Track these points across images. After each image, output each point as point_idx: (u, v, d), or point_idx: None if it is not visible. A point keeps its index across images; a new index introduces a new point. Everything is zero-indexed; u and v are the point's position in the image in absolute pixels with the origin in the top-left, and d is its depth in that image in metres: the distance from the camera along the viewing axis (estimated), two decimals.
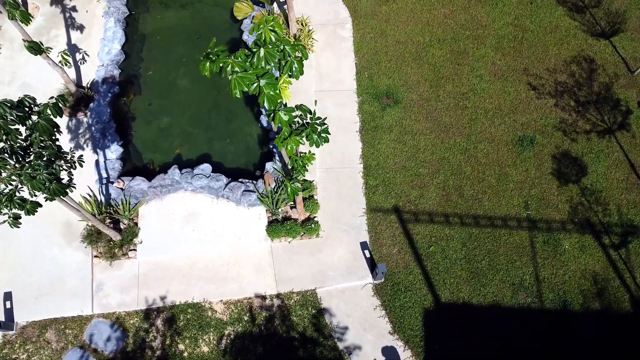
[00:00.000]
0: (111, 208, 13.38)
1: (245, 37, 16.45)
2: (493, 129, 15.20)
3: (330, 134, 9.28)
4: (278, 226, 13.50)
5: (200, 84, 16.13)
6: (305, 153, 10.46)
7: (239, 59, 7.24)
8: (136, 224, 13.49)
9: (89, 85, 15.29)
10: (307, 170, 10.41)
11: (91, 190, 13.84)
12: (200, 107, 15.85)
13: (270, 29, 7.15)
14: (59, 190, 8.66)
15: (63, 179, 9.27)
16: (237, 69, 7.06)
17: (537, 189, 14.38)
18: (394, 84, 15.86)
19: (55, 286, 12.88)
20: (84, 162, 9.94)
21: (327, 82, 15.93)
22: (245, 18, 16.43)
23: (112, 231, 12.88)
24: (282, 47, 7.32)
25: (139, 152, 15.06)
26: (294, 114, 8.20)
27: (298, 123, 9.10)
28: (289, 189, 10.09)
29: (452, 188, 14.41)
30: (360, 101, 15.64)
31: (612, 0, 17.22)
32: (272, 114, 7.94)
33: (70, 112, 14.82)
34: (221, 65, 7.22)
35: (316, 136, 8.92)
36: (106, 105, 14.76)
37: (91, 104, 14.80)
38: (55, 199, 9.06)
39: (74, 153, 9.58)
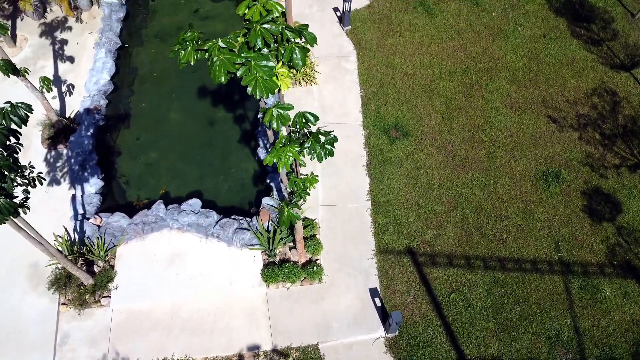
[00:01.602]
0: (85, 247, 11.72)
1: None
2: (514, 163, 13.80)
3: (335, 148, 7.85)
4: (275, 269, 11.78)
5: (193, 118, 14.98)
6: (307, 175, 9.00)
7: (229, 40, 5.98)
8: (112, 266, 11.78)
9: (72, 116, 14.09)
10: (308, 194, 8.89)
11: (65, 228, 12.23)
12: (193, 142, 14.58)
13: (263, 7, 5.93)
14: (7, 207, 7.11)
15: (17, 197, 7.74)
16: (222, 44, 5.77)
17: (568, 228, 12.75)
18: (403, 116, 14.66)
19: (13, 337, 10.99)
20: (44, 179, 8.46)
21: (330, 115, 14.74)
22: None
23: (84, 274, 11.15)
24: (280, 28, 6.09)
25: (122, 189, 13.60)
26: (290, 112, 6.82)
27: (298, 132, 7.70)
28: (285, 214, 8.52)
29: (472, 227, 12.79)
30: (366, 134, 14.36)
31: (629, 34, 16.39)
32: (264, 112, 6.55)
33: (49, 143, 13.52)
34: (206, 48, 5.94)
35: (319, 148, 7.48)
36: (89, 136, 13.48)
37: (72, 135, 13.51)
38: (5, 222, 7.48)
39: (34, 169, 8.13)
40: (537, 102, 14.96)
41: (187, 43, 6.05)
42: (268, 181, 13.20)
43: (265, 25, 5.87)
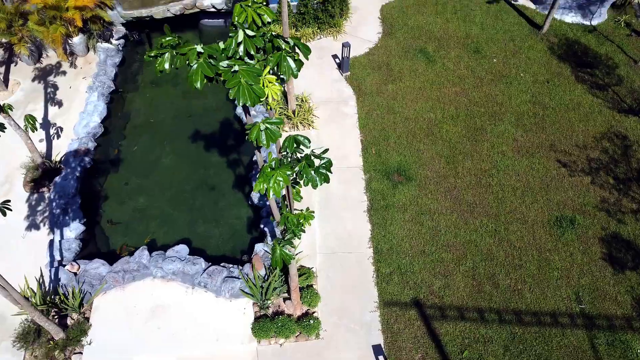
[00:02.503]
0: (58, 297, 10.63)
1: (239, 110, 15.00)
2: (524, 209, 12.94)
3: (332, 172, 7.06)
4: (267, 323, 10.63)
5: (186, 163, 14.31)
6: (302, 210, 8.14)
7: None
8: (87, 318, 10.64)
9: (58, 159, 13.42)
10: (303, 231, 7.99)
11: (38, 276, 11.20)
12: (184, 187, 13.83)
13: (255, 12, 5.36)
14: None
15: None
16: (200, 49, 5.13)
17: (588, 277, 11.69)
18: (405, 160, 13.97)
19: None
20: (10, 209, 7.58)
21: (331, 158, 14.02)
22: None
23: (55, 327, 10.01)
24: (269, 35, 5.51)
25: (106, 235, 12.68)
26: (279, 127, 6.09)
27: (289, 157, 6.94)
28: (277, 254, 7.57)
29: (483, 277, 11.73)
30: (367, 178, 13.62)
31: (633, 79, 16.05)
32: (250, 128, 5.81)
33: (32, 186, 12.76)
34: (184, 53, 5.30)
35: (313, 172, 6.69)
36: (74, 179, 12.74)
37: (57, 178, 12.77)
38: None
39: None
40: (545, 146, 14.32)
41: (165, 48, 5.43)
42: (262, 226, 12.30)
43: (249, 32, 5.29)
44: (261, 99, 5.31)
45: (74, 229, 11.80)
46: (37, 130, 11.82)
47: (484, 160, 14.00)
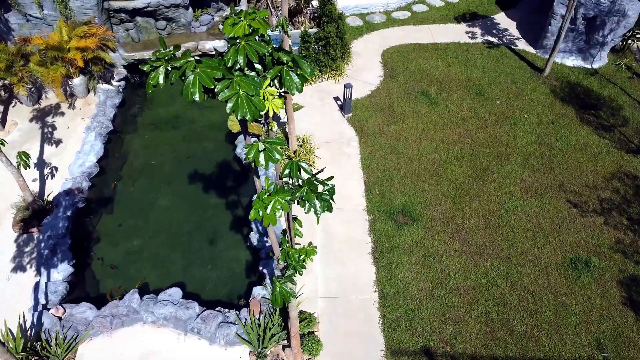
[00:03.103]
0: (40, 343, 9.85)
1: (238, 150, 14.68)
2: (537, 250, 12.32)
3: (334, 202, 6.57)
4: None
5: (183, 204, 13.83)
6: (304, 246, 7.59)
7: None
8: None
9: (50, 199, 12.95)
10: (304, 267, 7.39)
11: (23, 319, 10.45)
12: (180, 229, 13.27)
13: (249, 25, 5.06)
14: None
15: None
16: (200, 70, 4.78)
17: (609, 322, 10.92)
18: (410, 201, 13.49)
19: None
20: None
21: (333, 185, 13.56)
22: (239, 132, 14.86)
23: None
24: (268, 50, 5.19)
25: (96, 278, 12.00)
26: (281, 148, 5.66)
27: (290, 183, 6.47)
28: (277, 291, 6.94)
29: (497, 322, 10.95)
30: (371, 219, 13.08)
31: (639, 120, 15.86)
32: (248, 148, 5.37)
33: (21, 226, 12.21)
34: (179, 65, 4.94)
35: (316, 199, 6.20)
36: (65, 218, 12.21)
37: (47, 217, 12.25)
38: None
39: None
40: (554, 187, 13.88)
41: (159, 61, 5.09)
42: (261, 268, 11.65)
43: (251, 43, 4.97)
44: (261, 113, 4.91)
45: (61, 271, 11.15)
46: (29, 167, 11.44)
47: (492, 201, 13.51)
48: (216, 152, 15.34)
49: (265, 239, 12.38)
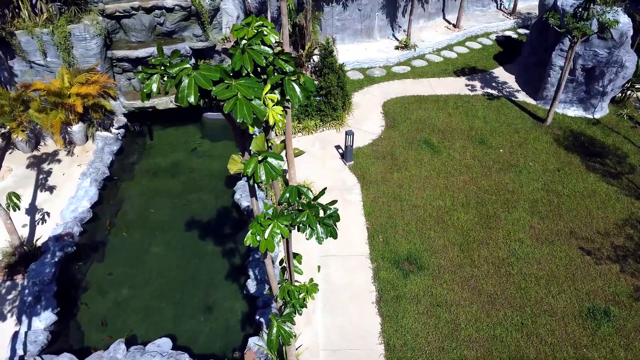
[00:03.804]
0: None
1: (237, 196, 14.25)
2: (551, 299, 11.59)
3: (337, 228, 6.07)
4: None
5: (177, 252, 13.23)
6: (303, 283, 7.00)
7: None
8: None
9: (38, 244, 12.37)
10: (305, 306, 6.76)
11: None
12: (174, 278, 12.59)
13: (256, 31, 4.81)
14: None
15: None
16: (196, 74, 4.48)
17: None
18: (415, 248, 12.91)
19: None
20: None
21: (333, 246, 13.01)
22: (240, 174, 14.49)
23: None
24: (271, 58, 4.90)
25: (81, 329, 11.19)
26: (280, 163, 5.23)
27: (291, 206, 6.01)
28: (274, 331, 6.28)
29: None
30: (375, 267, 12.44)
31: None
32: (247, 162, 4.95)
33: (6, 272, 11.57)
34: (174, 73, 4.63)
35: (318, 224, 5.72)
36: (52, 264, 11.59)
37: (34, 263, 11.63)
38: None
39: None
40: (565, 234, 13.34)
41: (154, 68, 4.79)
42: (258, 317, 10.87)
43: (255, 47, 4.70)
44: (261, 119, 4.54)
45: (44, 319, 10.39)
46: (19, 209, 10.98)
47: (501, 248, 12.93)
48: (214, 199, 14.93)
49: (264, 285, 11.69)
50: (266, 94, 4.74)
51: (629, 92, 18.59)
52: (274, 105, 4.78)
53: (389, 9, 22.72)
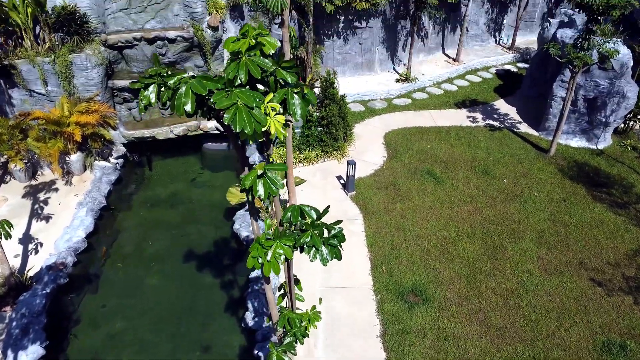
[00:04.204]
0: None
1: (236, 226, 13.90)
2: (564, 333, 11.08)
3: (343, 249, 5.74)
4: None
5: (174, 284, 12.81)
6: (305, 310, 6.61)
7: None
8: None
9: (30, 274, 11.95)
10: (306, 335, 6.35)
11: None
12: (169, 311, 12.14)
13: (254, 39, 4.63)
14: None
15: None
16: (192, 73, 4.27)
17: None
18: (420, 280, 12.47)
19: None
20: None
21: (335, 277, 12.58)
22: (239, 205, 14.23)
23: None
24: (272, 68, 4.70)
25: None
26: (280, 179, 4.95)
27: (292, 225, 5.70)
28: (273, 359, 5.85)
29: None
30: (379, 299, 11.97)
31: None
32: (245, 176, 4.68)
33: None
34: (171, 82, 4.41)
35: (323, 246, 5.40)
36: (43, 295, 11.15)
37: (24, 294, 11.18)
38: None
39: None
40: (574, 264, 12.93)
41: (152, 78, 4.59)
42: (256, 352, 10.35)
43: (255, 59, 4.51)
44: (261, 128, 4.30)
45: (31, 353, 9.87)
46: (10, 237, 10.61)
47: (509, 280, 12.49)
48: (213, 229, 14.59)
49: (262, 319, 11.20)
50: (268, 102, 4.52)
51: (631, 122, 18.51)
52: (275, 114, 4.55)
53: (389, 43, 22.96)
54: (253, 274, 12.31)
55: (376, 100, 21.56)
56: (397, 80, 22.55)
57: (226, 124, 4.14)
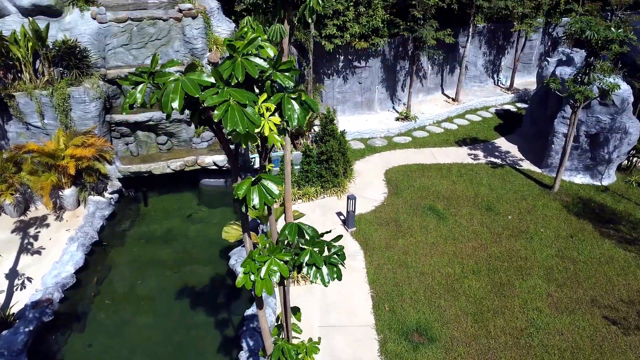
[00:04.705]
0: None
1: (232, 262, 13.37)
2: None
3: (345, 267, 5.30)
4: None
5: (165, 323, 12.15)
6: (302, 341, 6.08)
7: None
8: None
9: (14, 310, 11.33)
10: None
11: None
12: (159, 351, 11.43)
13: (252, 33, 4.38)
14: None
15: None
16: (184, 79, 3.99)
17: None
18: (425, 318, 11.85)
19: None
20: None
21: (335, 315, 11.96)
22: (237, 242, 13.72)
23: None
24: (269, 70, 4.42)
25: None
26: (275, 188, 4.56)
27: (289, 245, 5.28)
28: None
29: None
30: (381, 339, 11.31)
31: None
32: (238, 185, 4.31)
33: None
34: (162, 83, 4.14)
35: (323, 265, 4.97)
36: (25, 333, 10.50)
37: (4, 332, 10.54)
38: None
39: None
40: (586, 302, 12.33)
41: (141, 76, 4.30)
42: None
43: (252, 59, 4.26)
44: (255, 129, 3.98)
45: None
46: None
47: (518, 318, 11.86)
48: (208, 266, 14.04)
49: (257, 358, 10.51)
50: (262, 102, 4.22)
51: (634, 159, 18.29)
52: (270, 115, 4.24)
53: (389, 83, 23.12)
54: (248, 312, 11.70)
55: (376, 138, 21.45)
56: (397, 119, 22.54)
57: (215, 120, 3.81)
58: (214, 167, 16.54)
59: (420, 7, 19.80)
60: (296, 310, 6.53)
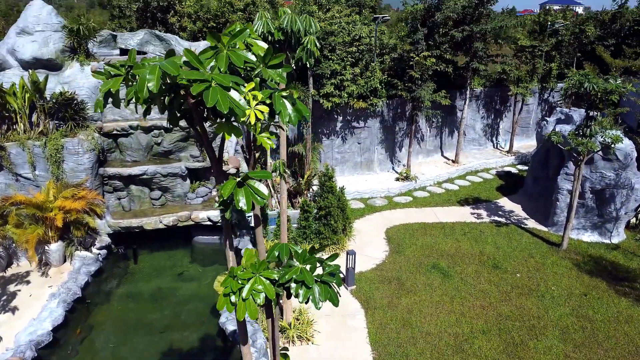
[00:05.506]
0: None
1: (222, 320, 12.39)
2: None
3: (339, 287, 4.62)
4: None
5: None
6: None
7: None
8: None
9: None
10: None
11: None
12: None
13: (243, 42, 4.04)
14: None
15: None
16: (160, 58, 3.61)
17: None
18: None
19: None
20: None
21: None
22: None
23: None
24: (258, 66, 4.03)
25: None
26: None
27: (279, 266, 4.65)
28: None
29: None
30: None
31: None
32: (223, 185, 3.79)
33: None
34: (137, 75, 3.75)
35: (314, 283, 4.33)
36: None
37: None
38: None
39: None
40: None
41: (119, 69, 3.91)
42: None
43: (237, 51, 3.90)
44: (240, 116, 3.52)
45: None
46: None
47: None
48: (197, 324, 13.05)
49: None
50: (249, 90, 3.80)
51: None
52: (257, 104, 3.80)
53: (388, 144, 23.07)
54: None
55: (376, 198, 21.01)
56: (397, 179, 22.24)
57: (194, 94, 3.37)
58: (208, 222, 15.94)
59: (417, 68, 20.13)
60: (285, 356, 5.74)
